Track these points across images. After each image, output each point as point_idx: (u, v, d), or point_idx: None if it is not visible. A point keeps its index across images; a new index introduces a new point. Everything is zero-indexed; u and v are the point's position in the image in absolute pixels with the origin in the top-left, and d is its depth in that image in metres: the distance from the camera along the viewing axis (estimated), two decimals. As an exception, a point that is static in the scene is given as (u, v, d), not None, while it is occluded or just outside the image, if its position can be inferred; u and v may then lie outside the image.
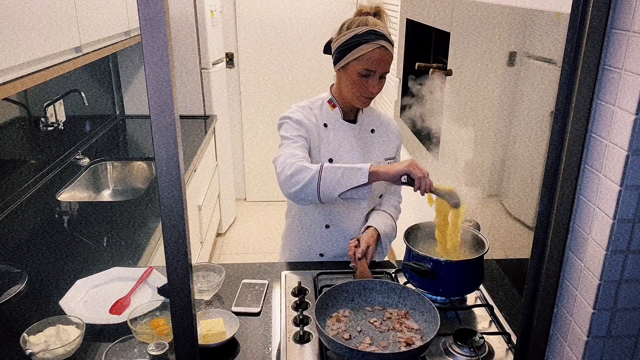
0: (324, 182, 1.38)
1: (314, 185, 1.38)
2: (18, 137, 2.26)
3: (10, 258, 1.69)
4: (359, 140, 1.61)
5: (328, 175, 1.38)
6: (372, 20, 1.50)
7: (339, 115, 1.60)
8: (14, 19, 1.55)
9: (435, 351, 1.24)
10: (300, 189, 1.40)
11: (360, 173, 1.37)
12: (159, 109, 0.75)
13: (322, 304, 1.28)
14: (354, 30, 1.48)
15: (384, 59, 1.47)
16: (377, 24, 1.49)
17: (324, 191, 1.39)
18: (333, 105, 1.60)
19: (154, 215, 2.07)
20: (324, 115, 1.60)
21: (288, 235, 1.76)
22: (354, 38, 1.47)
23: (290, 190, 1.41)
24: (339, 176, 1.37)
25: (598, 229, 0.94)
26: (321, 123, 1.59)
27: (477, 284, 1.42)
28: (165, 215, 0.81)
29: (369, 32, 1.46)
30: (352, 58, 1.48)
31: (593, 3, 0.87)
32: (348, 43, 1.48)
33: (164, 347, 1.11)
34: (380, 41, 1.46)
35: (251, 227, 4.25)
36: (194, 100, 3.67)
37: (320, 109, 1.61)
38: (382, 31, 1.47)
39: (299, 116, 1.56)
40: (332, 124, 1.59)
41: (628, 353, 1.02)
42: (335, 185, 1.38)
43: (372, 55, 1.46)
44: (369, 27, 1.47)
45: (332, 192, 1.38)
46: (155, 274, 1.56)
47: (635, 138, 0.86)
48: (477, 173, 1.90)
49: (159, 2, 0.70)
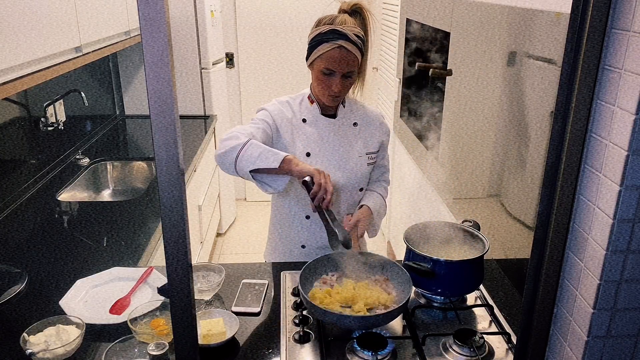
0: (242, 155, 1.41)
1: (234, 154, 1.42)
2: (18, 137, 2.26)
3: (10, 258, 1.69)
4: (338, 134, 1.62)
5: (249, 150, 1.41)
6: (340, 18, 1.50)
7: (317, 111, 1.62)
8: (14, 19, 1.55)
9: (435, 351, 1.24)
10: (223, 153, 1.44)
11: (275, 158, 1.39)
12: (159, 109, 0.75)
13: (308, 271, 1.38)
14: (319, 29, 1.50)
15: (343, 59, 1.47)
16: (344, 22, 1.49)
17: (240, 162, 1.41)
18: (312, 100, 1.62)
19: (154, 215, 2.07)
20: (303, 110, 1.62)
21: (271, 230, 1.78)
22: (317, 36, 1.50)
23: (217, 152, 1.46)
24: (257, 154, 1.40)
25: (598, 229, 0.94)
26: (300, 118, 1.61)
27: (477, 284, 1.42)
28: (165, 215, 0.81)
29: (330, 31, 1.47)
30: (315, 56, 1.50)
31: (593, 3, 0.87)
32: (313, 41, 1.51)
33: (164, 347, 1.11)
34: (340, 41, 1.46)
35: (251, 227, 4.25)
36: (194, 100, 3.67)
37: (300, 104, 1.63)
38: (345, 31, 1.47)
39: (272, 108, 1.61)
40: (311, 119, 1.61)
41: (628, 353, 1.02)
42: (250, 161, 1.40)
43: (332, 54, 1.47)
44: (332, 26, 1.48)
45: (246, 166, 1.41)
46: (155, 274, 1.56)
47: (635, 138, 0.86)
48: (477, 173, 1.91)
49: (159, 2, 0.70)
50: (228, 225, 4.19)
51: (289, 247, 1.72)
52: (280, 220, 1.73)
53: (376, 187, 1.76)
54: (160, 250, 1.92)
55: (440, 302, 1.43)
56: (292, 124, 1.61)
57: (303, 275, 1.37)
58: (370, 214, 1.64)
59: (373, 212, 1.65)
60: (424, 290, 1.43)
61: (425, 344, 1.26)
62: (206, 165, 3.31)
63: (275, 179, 1.44)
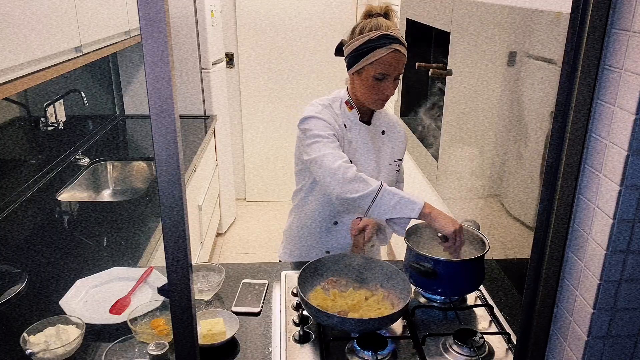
0: (378, 203, 1.38)
1: (367, 201, 1.39)
2: (18, 137, 2.25)
3: (10, 258, 1.69)
4: (372, 142, 1.62)
5: (385, 198, 1.38)
6: (383, 22, 1.50)
7: (357, 117, 1.60)
8: (14, 19, 1.55)
9: (435, 351, 1.24)
10: (355, 198, 1.40)
11: (414, 207, 1.37)
12: (159, 109, 0.75)
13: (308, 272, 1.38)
14: (367, 35, 1.48)
15: (398, 62, 1.48)
16: (389, 27, 1.49)
17: (374, 210, 1.39)
18: (350, 106, 1.60)
19: (154, 215, 2.07)
20: (343, 115, 1.60)
21: (292, 232, 1.76)
22: (368, 43, 1.47)
23: (345, 195, 1.41)
24: (394, 203, 1.38)
25: (598, 229, 0.94)
26: (342, 123, 1.59)
27: (478, 284, 1.42)
28: (165, 215, 0.81)
29: (382, 37, 1.46)
30: (366, 63, 1.48)
31: (593, 3, 0.87)
32: (362, 48, 1.48)
33: (164, 347, 1.11)
34: (394, 45, 1.46)
35: (251, 227, 4.25)
36: (194, 100, 3.67)
37: (340, 108, 1.61)
38: (395, 34, 1.47)
39: (326, 116, 1.55)
40: (350, 125, 1.60)
41: (628, 353, 1.02)
42: (387, 211, 1.38)
43: (387, 59, 1.46)
44: (382, 31, 1.47)
45: (382, 214, 1.39)
46: (155, 274, 1.56)
47: (635, 138, 0.86)
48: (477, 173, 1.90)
49: (159, 2, 0.70)
50: (228, 225, 4.19)
51: (312, 251, 1.71)
52: (304, 224, 1.70)
53: None
54: (160, 250, 1.92)
55: (440, 302, 1.43)
56: (338, 128, 1.58)
57: (303, 275, 1.36)
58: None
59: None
60: (424, 290, 1.43)
61: (425, 344, 1.26)
62: (206, 165, 3.31)
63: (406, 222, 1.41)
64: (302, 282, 1.35)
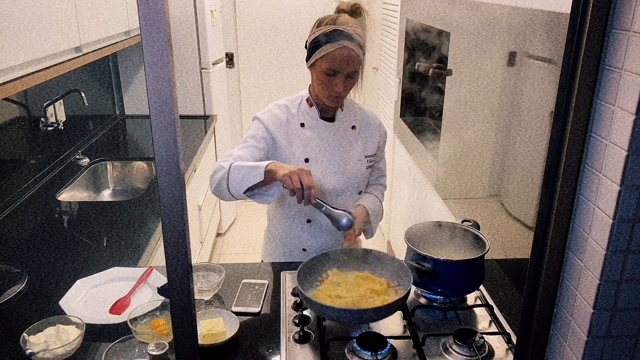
0: (231, 181, 1.41)
1: (224, 184, 1.42)
2: (18, 137, 2.26)
3: (10, 258, 1.69)
4: (337, 138, 1.61)
5: (233, 174, 1.41)
6: (342, 18, 1.50)
7: (316, 114, 1.60)
8: (14, 19, 1.55)
9: (435, 351, 1.24)
10: (215, 187, 1.45)
11: (257, 172, 1.39)
12: (159, 109, 0.75)
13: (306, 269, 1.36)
14: (321, 29, 1.49)
15: (347, 59, 1.47)
16: (346, 23, 1.48)
17: (232, 189, 1.42)
18: (310, 104, 1.61)
19: (154, 215, 2.07)
20: (302, 114, 1.61)
21: (270, 232, 1.78)
22: (320, 37, 1.49)
23: (211, 188, 1.48)
24: (242, 175, 1.40)
25: (598, 229, 0.94)
26: (298, 122, 1.60)
27: (478, 284, 1.42)
28: (165, 215, 0.81)
29: (334, 32, 1.47)
30: (317, 57, 1.49)
31: (593, 3, 0.87)
32: (315, 41, 1.50)
33: (164, 347, 1.11)
34: (343, 41, 1.46)
35: (251, 227, 4.25)
36: (194, 100, 3.67)
37: (299, 107, 1.61)
38: (348, 31, 1.47)
39: (267, 116, 1.59)
40: (309, 123, 1.60)
41: (628, 353, 1.02)
42: (240, 183, 1.40)
43: (335, 54, 1.46)
44: (335, 26, 1.47)
45: (238, 189, 1.41)
46: (155, 274, 1.56)
47: (635, 138, 0.86)
48: (477, 173, 1.91)
49: (159, 2, 0.70)
50: (228, 225, 4.19)
51: (289, 250, 1.72)
52: (280, 224, 1.72)
53: (372, 189, 1.75)
54: (160, 250, 1.92)
55: (440, 302, 1.43)
56: (290, 129, 1.59)
57: (301, 272, 1.35)
58: (367, 214, 1.64)
59: (369, 212, 1.64)
60: (424, 290, 1.43)
61: (425, 344, 1.26)
62: (206, 165, 3.31)
63: (268, 189, 1.43)
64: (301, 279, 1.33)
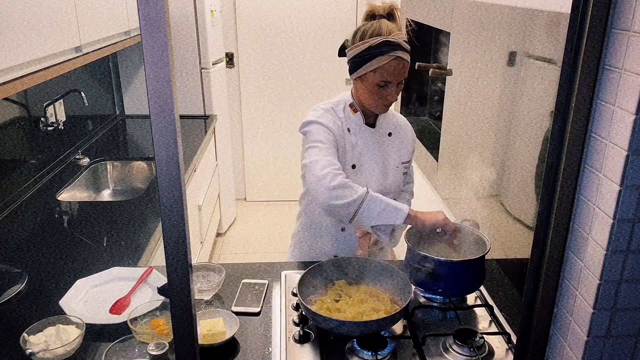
0: (363, 210, 1.38)
1: (353, 208, 1.38)
2: (18, 137, 2.25)
3: (10, 258, 1.69)
4: (378, 144, 1.60)
5: (370, 206, 1.38)
6: (385, 26, 1.44)
7: (361, 120, 1.58)
8: (14, 19, 1.55)
9: (435, 351, 1.24)
10: (340, 205, 1.39)
11: (399, 214, 1.38)
12: (159, 109, 0.75)
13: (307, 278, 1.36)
14: (367, 42, 1.43)
15: (401, 69, 1.45)
16: (391, 31, 1.44)
17: (359, 217, 1.39)
18: (355, 110, 1.58)
19: (154, 215, 2.07)
20: (347, 119, 1.58)
21: (300, 236, 1.75)
22: (369, 50, 1.43)
23: (330, 202, 1.40)
24: (379, 210, 1.38)
25: (598, 229, 0.94)
26: (345, 127, 1.57)
27: (479, 284, 1.42)
28: (165, 215, 0.81)
29: (384, 43, 1.42)
30: (367, 70, 1.45)
31: (593, 3, 0.87)
32: (363, 55, 1.44)
33: (164, 347, 1.11)
34: (396, 52, 1.42)
35: (251, 227, 4.25)
36: (194, 100, 3.67)
37: (344, 112, 1.58)
38: (397, 40, 1.43)
39: (326, 120, 1.53)
40: (355, 129, 1.58)
41: (628, 353, 1.02)
42: (372, 218, 1.38)
43: (388, 67, 1.43)
44: (383, 37, 1.42)
45: (367, 221, 1.39)
46: (155, 274, 1.56)
47: (635, 138, 0.86)
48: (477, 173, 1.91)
49: (159, 2, 0.70)
50: (228, 225, 4.19)
51: (320, 255, 1.69)
52: (313, 230, 1.70)
53: (400, 196, 1.72)
54: (160, 250, 1.92)
55: (440, 302, 1.43)
56: (342, 133, 1.56)
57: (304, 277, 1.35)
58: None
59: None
60: (424, 290, 1.43)
61: (425, 344, 1.26)
62: (206, 165, 3.31)
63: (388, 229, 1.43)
64: (303, 286, 1.33)
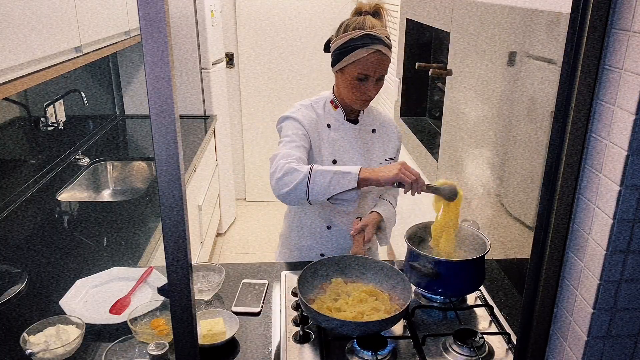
0: (312, 186, 1.37)
1: (302, 187, 1.37)
2: (18, 137, 2.26)
3: (10, 258, 1.69)
4: (360, 140, 1.61)
5: (317, 179, 1.37)
6: (369, 21, 1.47)
7: (342, 116, 1.59)
8: (14, 19, 1.55)
9: (435, 351, 1.24)
10: (290, 190, 1.39)
11: (350, 178, 1.36)
12: (159, 109, 0.75)
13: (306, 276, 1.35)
14: (350, 34, 1.46)
15: (380, 63, 1.45)
16: (374, 26, 1.46)
17: (312, 194, 1.38)
18: (335, 105, 1.59)
19: (154, 215, 2.07)
20: (327, 115, 1.59)
21: (287, 235, 1.76)
22: (350, 42, 1.45)
23: (281, 191, 1.40)
24: (328, 180, 1.36)
25: (598, 229, 0.94)
26: (324, 123, 1.58)
27: (479, 284, 1.42)
28: (165, 215, 0.81)
29: (365, 36, 1.44)
30: (348, 62, 1.47)
31: (593, 3, 0.87)
32: (344, 47, 1.46)
33: (164, 347, 1.11)
34: (376, 45, 1.43)
35: (251, 227, 4.25)
36: (194, 100, 3.67)
37: (324, 108, 1.59)
38: (379, 34, 1.45)
39: (300, 115, 1.55)
40: (335, 125, 1.59)
41: (628, 353, 1.02)
42: (324, 189, 1.37)
43: (368, 59, 1.44)
44: (365, 30, 1.44)
45: (321, 195, 1.38)
46: (155, 274, 1.56)
47: (635, 138, 0.86)
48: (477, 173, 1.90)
49: (159, 2, 0.70)
50: (228, 225, 4.19)
51: (307, 254, 1.71)
52: (299, 229, 1.70)
53: (386, 195, 1.74)
54: (160, 250, 1.92)
55: (440, 302, 1.43)
56: (318, 129, 1.57)
57: (302, 277, 1.35)
58: (379, 220, 1.62)
59: (384, 219, 1.63)
60: (424, 290, 1.43)
61: (425, 344, 1.26)
62: (206, 165, 3.31)
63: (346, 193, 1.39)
64: (302, 285, 1.34)
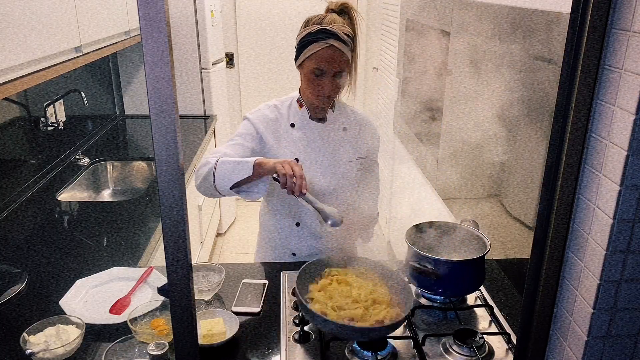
0: (217, 176, 1.41)
1: (210, 179, 1.43)
2: (18, 137, 2.25)
3: (10, 258, 1.69)
4: (327, 139, 1.61)
5: (220, 169, 1.41)
6: (329, 18, 1.49)
7: (306, 115, 1.60)
8: (14, 19, 1.55)
9: (435, 351, 1.24)
10: (201, 182, 1.47)
11: (246, 166, 1.39)
12: (159, 109, 0.75)
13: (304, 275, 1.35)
14: (307, 29, 1.49)
15: (334, 58, 1.46)
16: (333, 22, 1.48)
17: (218, 184, 1.42)
18: (301, 104, 1.60)
19: (154, 215, 2.07)
20: (292, 114, 1.60)
21: (262, 235, 1.79)
22: (307, 37, 1.48)
23: (196, 183, 1.49)
24: (230, 169, 1.40)
25: (598, 229, 0.94)
26: (288, 123, 1.60)
27: (479, 284, 1.42)
28: (165, 215, 0.81)
29: (320, 31, 1.46)
30: (305, 56, 1.49)
31: (593, 3, 0.87)
32: (301, 42, 1.50)
33: (164, 347, 1.11)
34: (330, 40, 1.45)
35: (251, 227, 4.24)
36: (194, 100, 3.67)
37: (289, 108, 1.61)
38: (335, 29, 1.46)
39: (255, 116, 1.59)
40: (299, 124, 1.60)
41: (628, 353, 1.02)
42: (226, 178, 1.40)
43: (321, 54, 1.46)
44: (321, 25, 1.47)
45: (225, 185, 1.41)
46: (155, 274, 1.56)
47: (635, 138, 0.86)
48: (477, 173, 1.90)
49: (159, 2, 0.70)
50: (228, 225, 4.19)
51: (280, 254, 1.72)
52: (269, 228, 1.72)
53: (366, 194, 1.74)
54: (160, 250, 1.92)
55: (441, 302, 1.43)
56: (279, 128, 1.59)
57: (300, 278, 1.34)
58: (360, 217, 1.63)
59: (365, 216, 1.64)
60: (424, 290, 1.43)
61: (425, 344, 1.26)
62: (206, 165, 3.30)
63: (256, 184, 1.43)
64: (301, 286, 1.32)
